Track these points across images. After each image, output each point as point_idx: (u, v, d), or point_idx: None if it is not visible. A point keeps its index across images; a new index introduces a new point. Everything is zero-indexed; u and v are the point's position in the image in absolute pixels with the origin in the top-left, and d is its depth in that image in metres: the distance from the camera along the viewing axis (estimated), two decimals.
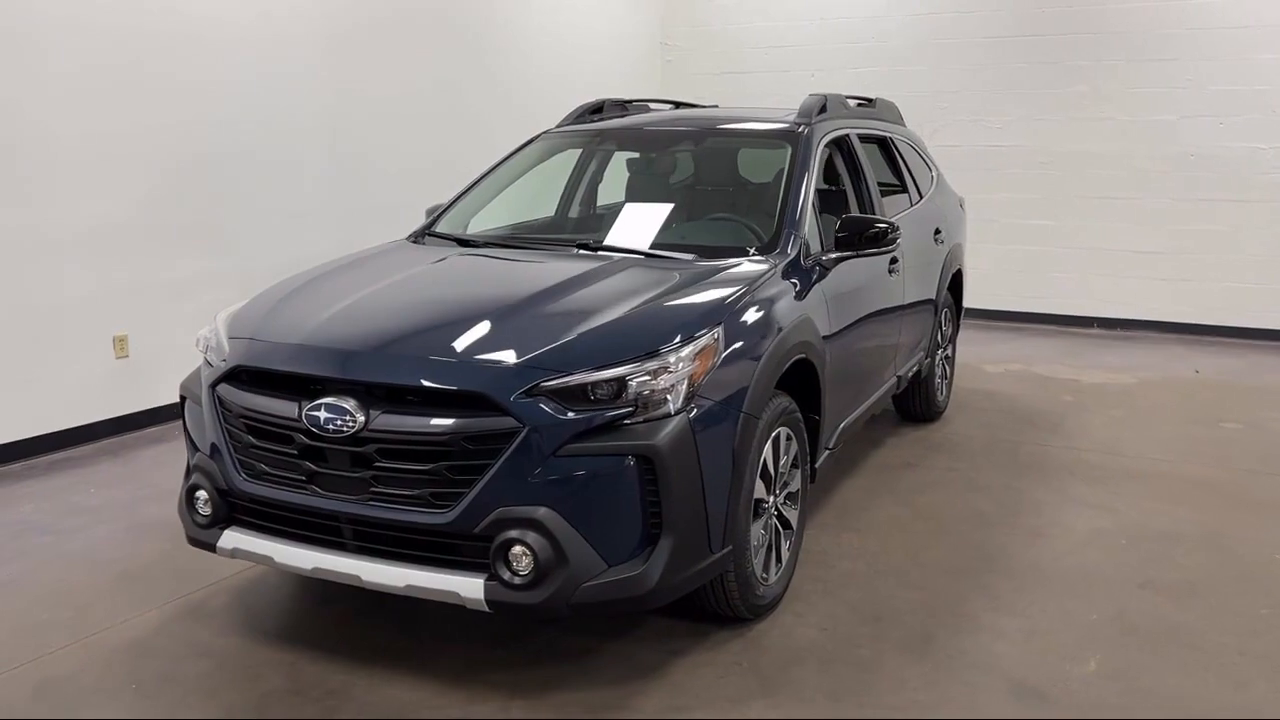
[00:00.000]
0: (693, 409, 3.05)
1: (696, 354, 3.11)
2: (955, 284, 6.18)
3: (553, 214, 5.23)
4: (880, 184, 5.46)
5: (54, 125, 5.28)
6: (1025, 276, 9.22)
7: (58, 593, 3.84)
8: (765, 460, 3.46)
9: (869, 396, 4.68)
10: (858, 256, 4.18)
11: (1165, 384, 7.05)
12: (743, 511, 3.30)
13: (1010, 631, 3.54)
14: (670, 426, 2.97)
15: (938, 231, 5.68)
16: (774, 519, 3.62)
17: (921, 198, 5.78)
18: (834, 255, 4.11)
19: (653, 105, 5.62)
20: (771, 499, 3.59)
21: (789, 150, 4.39)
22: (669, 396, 3.01)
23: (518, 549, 2.86)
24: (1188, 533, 4.40)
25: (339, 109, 6.85)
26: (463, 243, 4.34)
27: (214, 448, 3.29)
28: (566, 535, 2.86)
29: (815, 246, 4.12)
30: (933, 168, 6.30)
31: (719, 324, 3.24)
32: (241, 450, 3.23)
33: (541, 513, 2.85)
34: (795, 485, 3.79)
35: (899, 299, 4.90)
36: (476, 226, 4.68)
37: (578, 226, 4.99)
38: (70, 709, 3.07)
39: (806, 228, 4.06)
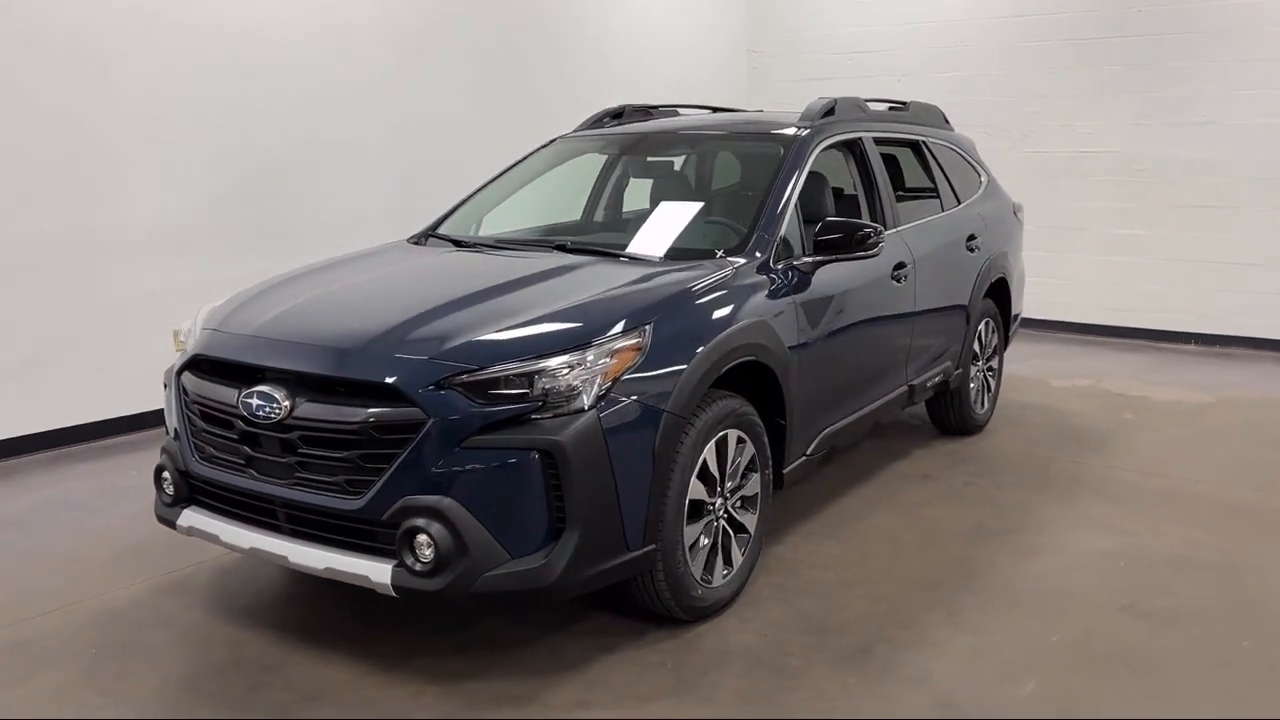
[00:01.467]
0: (606, 407, 3.07)
1: (613, 353, 3.13)
2: (999, 294, 5.96)
3: (579, 217, 5.32)
4: (911, 189, 5.39)
5: (126, 129, 5.68)
6: (1117, 288, 8.80)
7: (63, 563, 4.14)
8: (706, 462, 3.46)
9: (866, 405, 4.58)
10: (836, 260, 4.11)
11: (1243, 404, 6.62)
12: (671, 511, 3.30)
13: (956, 648, 3.42)
14: (577, 423, 3.00)
15: (972, 238, 5.50)
16: (721, 522, 3.60)
17: (959, 203, 5.62)
18: (810, 259, 4.06)
19: (684, 110, 5.64)
20: (720, 501, 3.58)
21: (780, 154, 4.36)
22: (579, 393, 3.04)
23: (421, 537, 2.94)
24: (1198, 559, 4.14)
25: (406, 115, 7.12)
26: (459, 244, 4.47)
27: (176, 431, 3.51)
28: (468, 525, 2.93)
29: (796, 250, 4.08)
30: (982, 173, 6.11)
31: (644, 324, 3.25)
32: (196, 434, 3.43)
33: (443, 503, 2.93)
34: (752, 489, 3.76)
35: (906, 306, 4.78)
36: (490, 229, 4.81)
37: (582, 229, 5.04)
38: (30, 669, 3.31)
39: (783, 231, 4.03)
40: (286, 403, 3.12)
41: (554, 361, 3.05)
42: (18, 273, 5.38)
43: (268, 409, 3.14)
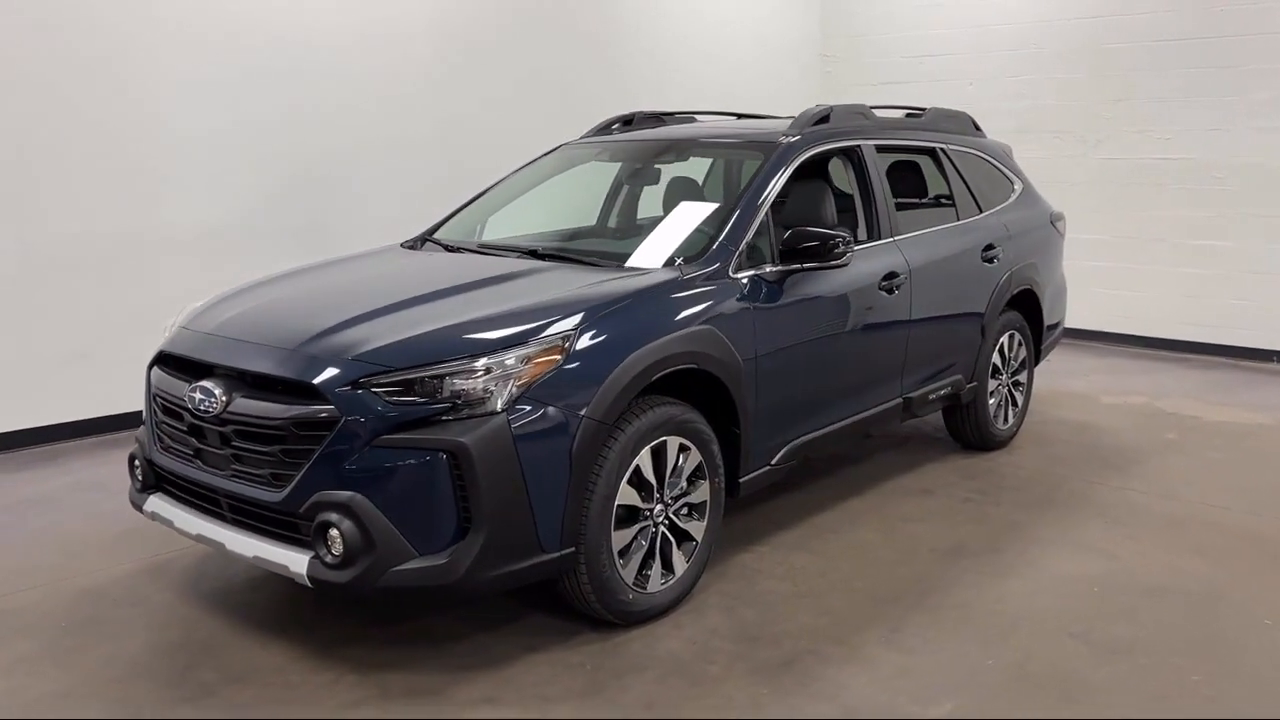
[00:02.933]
0: (518, 410, 3.14)
1: (529, 359, 3.20)
2: (1028, 306, 5.78)
3: (593, 223, 5.41)
4: (920, 197, 5.30)
5: (170, 135, 6.02)
6: (1194, 302, 8.38)
7: (67, 541, 4.43)
8: (640, 467, 3.49)
9: (846, 416, 4.51)
10: (804, 270, 4.08)
11: None
12: (596, 515, 3.34)
13: (884, 666, 3.36)
14: (485, 426, 3.08)
15: (989, 248, 5.35)
16: (661, 528, 3.63)
17: (980, 212, 5.48)
18: (776, 269, 4.04)
19: (701, 116, 5.66)
20: (659, 507, 3.60)
21: (759, 162, 4.35)
22: (490, 397, 3.12)
23: (333, 531, 3.06)
24: (1179, 588, 3.96)
25: (451, 119, 7.31)
26: (449, 248, 4.58)
27: (145, 422, 3.73)
28: (375, 521, 3.04)
29: (766, 259, 4.07)
30: (1016, 181, 5.94)
31: (567, 331, 3.30)
32: (158, 425, 3.65)
33: (353, 499, 3.04)
34: (699, 496, 3.76)
35: (898, 316, 4.69)
36: (497, 234, 4.92)
37: (588, 234, 5.11)
38: (0, 639, 3.57)
39: (748, 239, 4.02)
40: (223, 398, 3.29)
41: (465, 365, 3.13)
42: (71, 270, 5.75)
43: (207, 403, 3.31)
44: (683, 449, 3.67)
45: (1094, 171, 8.69)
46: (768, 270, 4.02)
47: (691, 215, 4.29)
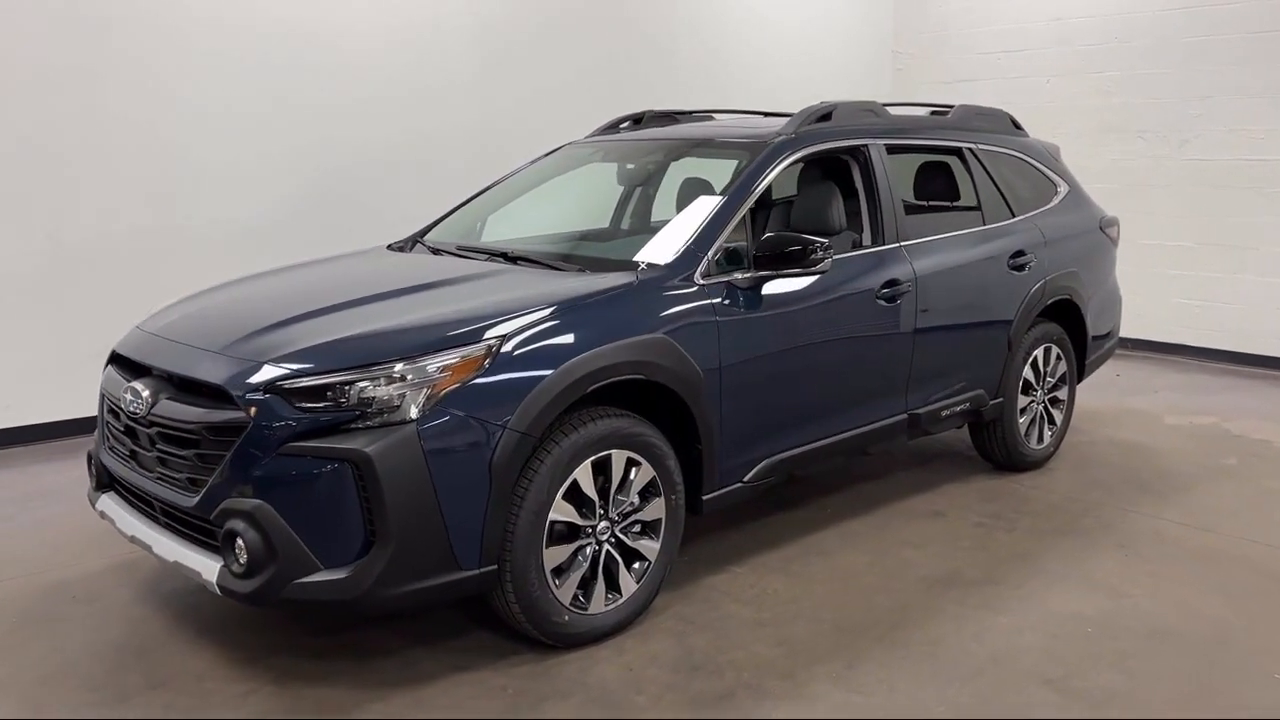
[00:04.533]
0: (431, 420, 3.01)
1: (445, 366, 3.06)
2: (1068, 317, 5.39)
3: (605, 225, 5.26)
4: (939, 201, 5.01)
5: (210, 127, 6.11)
6: None
7: (57, 534, 4.48)
8: (578, 482, 3.32)
9: (838, 432, 4.25)
10: (779, 277, 3.85)
11: None
12: (522, 531, 3.19)
13: (824, 705, 3.12)
14: (392, 436, 2.96)
15: (1019, 254, 5.00)
16: (606, 547, 3.45)
17: (1013, 216, 5.13)
18: (749, 276, 3.82)
19: (719, 115, 5.46)
20: (603, 524, 3.43)
21: (744, 162, 4.13)
22: (401, 405, 3.00)
23: (239, 540, 2.99)
24: (1185, 632, 3.59)
25: (490, 117, 7.23)
26: (435, 251, 4.46)
27: (97, 421, 3.74)
28: (279, 531, 2.95)
29: (740, 265, 3.85)
30: (1059, 183, 5.55)
31: (492, 337, 3.16)
32: (104, 425, 3.64)
33: (258, 507, 2.96)
34: (652, 514, 3.58)
35: (901, 326, 4.40)
36: (492, 236, 4.82)
37: (591, 237, 4.96)
38: None
39: (720, 243, 3.81)
40: (150, 400, 3.25)
41: (377, 371, 3.02)
42: (104, 266, 5.87)
43: (135, 404, 3.28)
44: (632, 464, 3.48)
45: (1180, 173, 8.12)
46: (739, 277, 3.80)
47: (674, 218, 4.10)
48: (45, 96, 5.58)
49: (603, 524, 3.43)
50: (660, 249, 3.81)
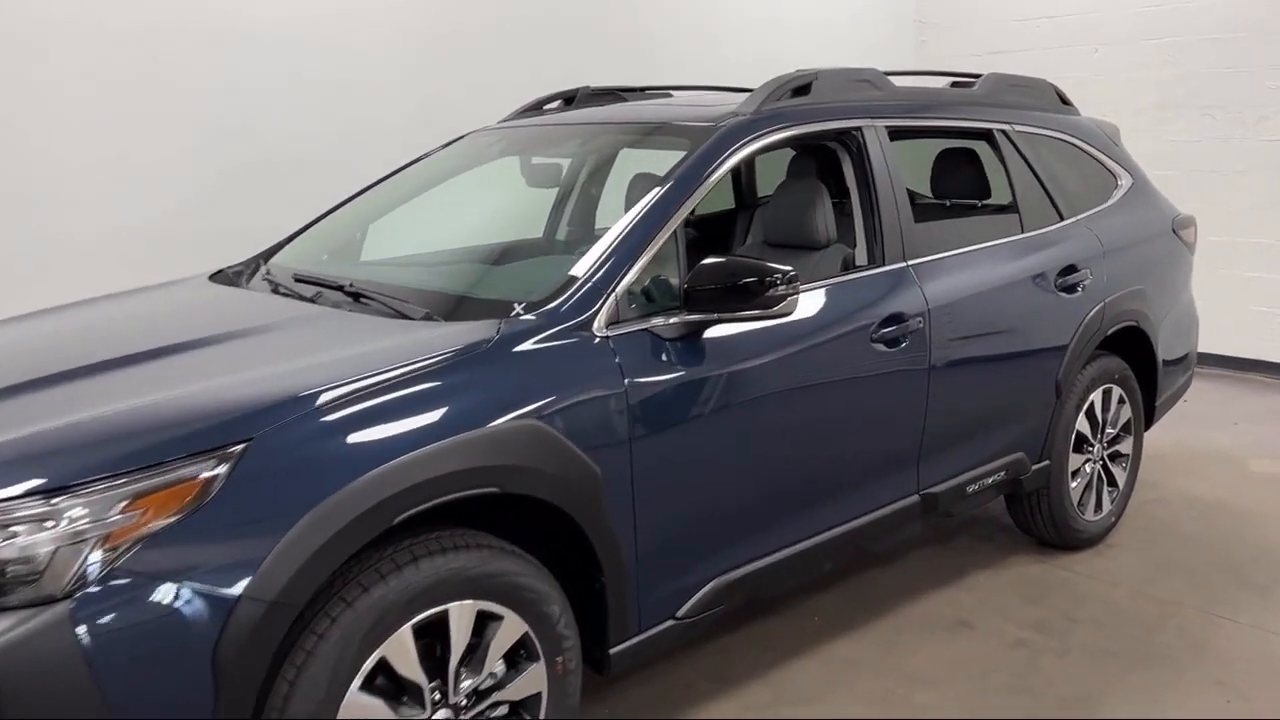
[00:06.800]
0: (101, 592, 1.83)
1: (134, 497, 1.88)
2: (1134, 348, 4.15)
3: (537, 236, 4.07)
4: (961, 201, 3.81)
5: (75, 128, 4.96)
6: None
7: None
8: (390, 663, 2.14)
9: (820, 530, 3.04)
10: (720, 321, 2.64)
11: None
12: None
13: None
14: (24, 627, 1.78)
15: (1069, 270, 3.76)
16: None
17: (1061, 219, 3.90)
18: (675, 321, 2.61)
19: (675, 91, 4.27)
20: (442, 715, 2.25)
21: (681, 154, 2.92)
22: (46, 569, 1.82)
23: None
24: None
25: (440, 106, 6.01)
26: (273, 284, 3.24)
27: None
28: None
29: (671, 304, 2.65)
30: (1121, 174, 4.30)
31: (229, 443, 1.97)
32: None
33: None
34: (527, 688, 2.39)
35: (910, 377, 3.19)
36: (374, 253, 3.67)
37: (454, 259, 3.68)
38: None
39: (633, 275, 2.61)
40: None
41: (6, 512, 1.84)
42: None
43: None
44: (489, 620, 2.30)
45: (1257, 157, 6.79)
46: (660, 323, 2.60)
47: (578, 234, 2.91)
48: None
49: (440, 715, 2.25)
50: (548, 284, 2.61)
